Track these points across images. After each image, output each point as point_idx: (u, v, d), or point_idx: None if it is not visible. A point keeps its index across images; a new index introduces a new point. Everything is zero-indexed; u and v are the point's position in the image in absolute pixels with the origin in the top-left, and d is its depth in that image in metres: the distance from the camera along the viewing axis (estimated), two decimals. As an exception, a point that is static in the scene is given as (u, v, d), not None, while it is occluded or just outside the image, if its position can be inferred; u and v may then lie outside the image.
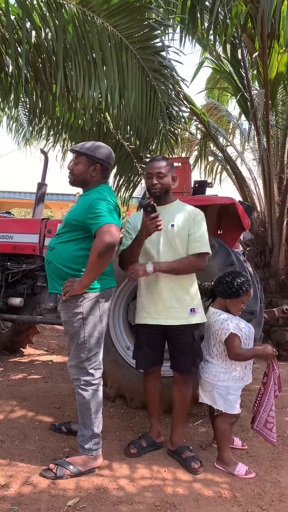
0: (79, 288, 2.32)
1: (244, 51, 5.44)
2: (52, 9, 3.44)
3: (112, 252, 2.27)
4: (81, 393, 2.47)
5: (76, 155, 2.55)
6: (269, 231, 5.66)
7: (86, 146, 2.54)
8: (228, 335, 2.50)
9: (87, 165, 2.51)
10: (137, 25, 3.57)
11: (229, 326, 2.51)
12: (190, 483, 2.44)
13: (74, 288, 2.32)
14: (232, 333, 2.50)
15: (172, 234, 2.58)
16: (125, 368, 3.28)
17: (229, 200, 3.33)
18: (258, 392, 2.73)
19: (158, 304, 2.61)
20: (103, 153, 2.54)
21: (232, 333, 2.50)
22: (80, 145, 2.56)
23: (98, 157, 2.52)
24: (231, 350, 2.52)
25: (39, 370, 4.38)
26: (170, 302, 2.59)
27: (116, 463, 2.60)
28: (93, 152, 2.51)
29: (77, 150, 2.54)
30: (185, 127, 6.30)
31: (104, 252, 2.23)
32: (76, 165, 2.53)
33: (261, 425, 2.66)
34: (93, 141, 2.71)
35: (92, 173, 2.52)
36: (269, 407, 2.64)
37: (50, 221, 4.17)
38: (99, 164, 2.52)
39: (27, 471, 2.44)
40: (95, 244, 2.25)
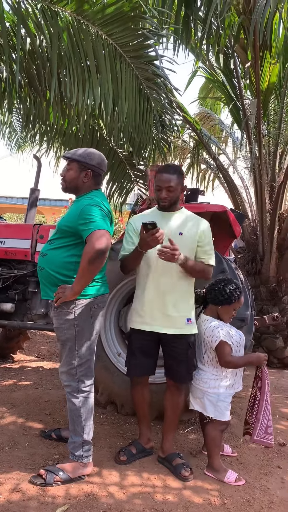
0: (70, 295, 2.32)
1: (236, 61, 5.51)
2: (47, 17, 3.47)
3: (103, 258, 2.27)
4: (72, 400, 2.46)
5: (68, 162, 2.56)
6: (261, 239, 5.70)
7: (78, 152, 2.56)
8: (218, 342, 2.52)
9: (78, 171, 2.53)
10: (131, 34, 3.61)
11: (220, 333, 2.52)
12: (180, 490, 2.44)
13: (66, 294, 2.32)
14: (222, 341, 2.52)
15: (180, 243, 2.52)
16: (115, 375, 3.28)
17: (220, 208, 3.36)
18: (254, 399, 2.68)
19: (156, 310, 2.60)
20: (95, 159, 2.55)
21: (222, 340, 2.52)
22: (72, 152, 2.58)
23: (89, 163, 2.53)
24: (222, 358, 2.53)
25: (30, 376, 4.35)
26: (170, 310, 2.58)
27: (106, 470, 2.60)
28: (85, 158, 2.53)
29: (69, 156, 2.56)
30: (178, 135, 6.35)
31: (95, 258, 2.23)
32: (68, 171, 2.55)
33: (262, 433, 2.61)
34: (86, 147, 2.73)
35: (83, 179, 2.53)
36: (268, 411, 2.63)
37: (42, 226, 4.17)
38: (90, 170, 2.53)
39: (16, 478, 2.42)
40: (86, 250, 2.25)
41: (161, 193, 2.59)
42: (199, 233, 2.60)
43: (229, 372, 2.62)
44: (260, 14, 3.54)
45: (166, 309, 2.58)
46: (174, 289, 2.59)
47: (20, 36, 3.39)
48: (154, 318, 2.60)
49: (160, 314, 2.59)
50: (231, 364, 2.56)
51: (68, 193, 2.64)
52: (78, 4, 3.42)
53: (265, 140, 5.68)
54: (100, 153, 2.63)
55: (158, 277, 2.58)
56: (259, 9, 3.55)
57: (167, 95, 4.21)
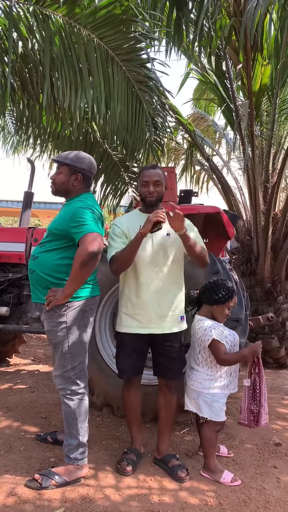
0: (62, 298, 2.32)
1: (228, 63, 5.54)
2: (39, 21, 3.47)
3: (95, 261, 2.28)
4: (66, 402, 2.46)
5: (58, 165, 2.56)
6: (255, 239, 5.72)
7: (67, 156, 2.56)
8: (210, 341, 2.53)
9: (68, 174, 2.53)
10: (122, 38, 3.62)
11: (212, 332, 2.54)
12: (176, 491, 2.44)
13: (57, 298, 2.32)
14: (214, 339, 2.53)
15: (169, 243, 2.60)
16: (111, 377, 3.28)
17: (214, 209, 3.37)
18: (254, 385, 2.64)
19: (152, 313, 2.59)
20: (85, 163, 2.56)
21: (215, 338, 2.53)
22: (62, 155, 2.59)
23: (79, 166, 2.53)
24: (217, 356, 2.55)
25: (25, 380, 4.35)
26: (166, 311, 2.60)
27: (102, 472, 2.59)
28: (74, 162, 2.53)
29: (58, 160, 2.56)
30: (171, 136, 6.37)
31: (87, 261, 2.24)
32: (58, 175, 2.55)
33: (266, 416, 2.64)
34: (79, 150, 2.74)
35: (73, 183, 2.54)
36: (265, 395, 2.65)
37: (36, 229, 4.17)
38: (80, 173, 2.54)
39: (12, 482, 2.42)
40: (78, 253, 2.25)
41: (149, 188, 2.59)
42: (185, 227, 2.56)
43: (224, 372, 2.63)
44: (250, 16, 3.56)
45: (162, 311, 2.60)
46: (167, 290, 2.61)
47: (11, 39, 3.39)
48: (151, 321, 2.60)
49: (156, 316, 2.59)
50: (227, 362, 2.57)
51: (58, 196, 2.64)
52: (69, 7, 3.42)
53: (258, 141, 5.70)
54: (89, 156, 2.63)
55: (150, 280, 2.59)
56: (250, 11, 3.57)
57: (159, 97, 4.22)
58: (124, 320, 2.68)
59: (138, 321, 2.62)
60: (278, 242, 5.70)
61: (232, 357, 2.57)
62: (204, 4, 3.90)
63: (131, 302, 2.64)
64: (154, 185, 2.60)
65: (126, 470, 2.56)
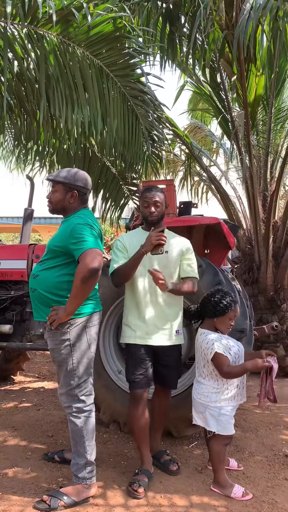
0: (64, 316, 2.32)
1: (223, 75, 5.58)
2: (34, 40, 3.51)
3: (96, 277, 2.28)
4: (73, 420, 2.44)
5: (53, 184, 2.57)
6: (256, 248, 5.71)
7: (61, 174, 2.57)
8: (213, 354, 2.51)
9: (64, 192, 2.54)
10: (116, 54, 3.65)
11: (214, 345, 2.52)
12: (186, 508, 2.40)
13: (59, 316, 2.32)
14: (216, 352, 2.51)
15: (167, 261, 2.74)
16: (117, 393, 3.25)
17: (214, 220, 3.37)
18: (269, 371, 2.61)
19: (151, 326, 2.70)
20: (79, 179, 2.57)
21: (217, 352, 2.51)
22: (56, 174, 2.60)
23: (74, 183, 2.55)
24: (220, 369, 2.53)
25: (31, 397, 4.31)
26: (164, 324, 2.72)
27: (111, 491, 2.56)
28: (69, 179, 2.54)
29: (52, 178, 2.57)
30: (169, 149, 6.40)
31: (88, 278, 2.24)
32: (54, 194, 2.56)
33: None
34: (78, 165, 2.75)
35: (70, 200, 2.55)
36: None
37: (37, 246, 4.18)
38: (76, 190, 2.55)
39: (20, 504, 2.38)
40: (79, 270, 2.25)
41: (150, 208, 2.73)
42: (184, 250, 2.79)
43: (230, 385, 2.59)
44: (243, 28, 3.60)
45: (159, 324, 2.71)
46: (164, 305, 2.73)
47: (7, 59, 3.43)
48: (148, 332, 2.70)
49: (154, 329, 2.70)
50: (230, 375, 2.54)
51: (55, 214, 2.65)
52: (63, 27, 3.46)
53: (255, 150, 5.73)
54: (84, 172, 2.65)
55: (149, 294, 2.71)
56: (242, 23, 3.61)
57: (155, 111, 4.24)
58: (124, 331, 2.80)
59: (135, 332, 2.72)
60: (279, 249, 5.70)
61: (236, 370, 2.54)
62: (197, 18, 3.94)
63: (132, 314, 2.76)
64: (155, 206, 2.73)
65: (138, 492, 2.50)
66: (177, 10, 4.70)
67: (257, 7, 3.51)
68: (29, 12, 3.31)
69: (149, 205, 2.73)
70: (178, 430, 3.23)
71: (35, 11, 3.29)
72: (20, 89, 4.05)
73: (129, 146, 4.25)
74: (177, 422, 3.17)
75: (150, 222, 2.75)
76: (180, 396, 3.11)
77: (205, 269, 3.20)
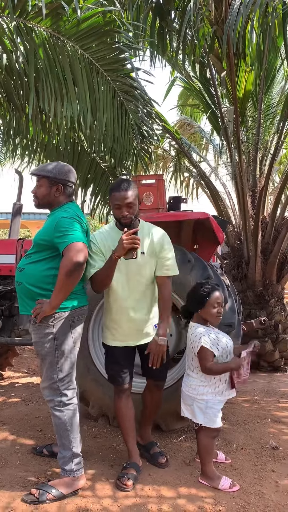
0: (49, 309, 2.32)
1: (212, 70, 5.59)
2: (23, 33, 3.49)
3: (80, 270, 2.28)
4: (56, 414, 2.44)
5: (38, 178, 2.56)
6: (245, 243, 5.75)
7: (46, 168, 2.55)
8: (199, 348, 2.53)
9: (49, 187, 2.53)
10: (106, 48, 3.65)
11: (201, 339, 2.53)
12: (174, 499, 2.42)
13: (44, 309, 2.32)
14: (202, 347, 2.52)
15: (144, 262, 2.61)
16: (106, 387, 3.25)
17: (203, 215, 3.38)
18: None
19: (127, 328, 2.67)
20: (64, 173, 2.55)
21: (203, 346, 2.52)
22: (40, 168, 2.58)
23: (59, 177, 2.53)
24: (202, 364, 2.55)
25: (19, 392, 4.31)
26: (140, 325, 2.68)
27: (99, 483, 2.57)
28: (53, 173, 2.53)
29: (36, 173, 2.56)
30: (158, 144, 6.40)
31: (72, 271, 2.24)
32: (39, 188, 2.55)
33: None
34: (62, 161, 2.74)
35: (55, 194, 2.54)
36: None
37: (26, 241, 4.16)
38: (61, 184, 2.54)
39: (8, 497, 2.39)
40: (63, 263, 2.25)
41: (122, 211, 2.53)
42: (158, 246, 2.64)
43: (218, 379, 2.61)
44: (232, 24, 3.61)
45: (136, 325, 2.67)
46: (140, 306, 2.66)
47: (-4, 53, 3.41)
48: (125, 334, 2.68)
49: (130, 330, 2.68)
50: (211, 371, 2.55)
51: (41, 209, 2.65)
52: (52, 20, 3.45)
53: (244, 146, 5.75)
54: (68, 165, 2.63)
55: (124, 296, 2.63)
56: (232, 19, 3.62)
57: (145, 106, 4.24)
58: (104, 332, 2.79)
59: (113, 335, 2.71)
60: (268, 245, 5.74)
61: (218, 368, 2.55)
62: (186, 13, 3.94)
63: (109, 317, 2.73)
64: (127, 208, 2.52)
65: (127, 485, 2.51)
66: (167, 5, 4.71)
67: (247, 2, 3.53)
68: (18, 5, 3.29)
69: (120, 207, 2.52)
70: (166, 423, 3.25)
71: (25, 4, 3.27)
72: (9, 82, 4.03)
73: (118, 141, 4.24)
74: (166, 415, 3.19)
75: (124, 224, 2.53)
76: (169, 389, 3.12)
77: (194, 264, 3.22)
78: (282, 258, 5.73)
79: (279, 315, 5.58)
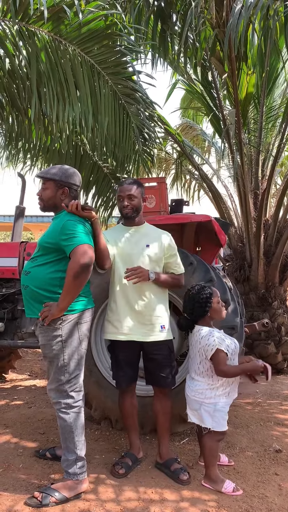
0: (57, 312, 2.33)
1: (214, 73, 5.60)
2: (25, 37, 3.51)
3: (87, 272, 2.29)
4: (62, 416, 2.44)
5: (44, 181, 2.57)
6: (247, 246, 5.74)
7: (52, 171, 2.57)
8: (214, 350, 2.52)
9: (55, 189, 2.55)
10: (108, 52, 3.66)
11: (215, 341, 2.52)
12: (177, 502, 2.42)
13: (52, 312, 2.33)
14: (218, 349, 2.51)
15: (148, 254, 2.70)
16: (109, 390, 3.26)
17: (205, 217, 3.39)
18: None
19: (131, 321, 2.68)
20: (70, 176, 2.58)
21: (219, 348, 2.52)
22: (46, 171, 2.60)
23: (65, 180, 2.55)
24: (217, 366, 2.53)
25: (22, 395, 4.31)
26: (144, 319, 2.68)
27: (102, 486, 2.57)
28: (60, 176, 2.55)
29: (42, 175, 2.57)
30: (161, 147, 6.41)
31: (80, 273, 2.25)
32: (44, 191, 2.56)
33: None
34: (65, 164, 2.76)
35: (61, 197, 2.55)
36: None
37: (29, 244, 4.16)
38: (67, 187, 2.56)
39: (11, 500, 2.39)
40: (71, 266, 2.27)
41: (123, 202, 2.70)
42: (165, 247, 2.74)
43: (225, 381, 2.60)
44: (234, 27, 3.61)
45: (140, 319, 2.67)
46: (145, 298, 2.68)
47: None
48: (129, 327, 2.67)
49: (134, 323, 2.67)
50: (227, 374, 2.55)
51: (47, 212, 2.66)
52: (54, 24, 3.46)
53: (246, 149, 5.76)
54: (73, 168, 2.66)
55: (128, 289, 2.67)
56: (233, 22, 3.62)
57: (147, 109, 4.25)
58: (105, 327, 2.80)
59: (116, 328, 2.70)
60: (271, 247, 5.73)
61: (233, 370, 2.55)
62: (188, 16, 3.95)
63: (111, 309, 2.75)
64: (128, 199, 2.69)
65: (118, 473, 2.65)
66: (169, 8, 4.72)
67: (248, 5, 3.53)
68: (20, 9, 3.31)
69: (123, 199, 2.71)
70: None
71: (27, 8, 3.29)
72: (11, 86, 4.05)
73: (120, 144, 4.25)
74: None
75: (125, 216, 2.74)
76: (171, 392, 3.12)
77: (196, 266, 3.22)
78: (284, 260, 5.72)
79: (282, 317, 5.57)
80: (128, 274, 2.56)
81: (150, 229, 2.84)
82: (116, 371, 2.81)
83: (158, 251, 2.72)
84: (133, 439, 2.87)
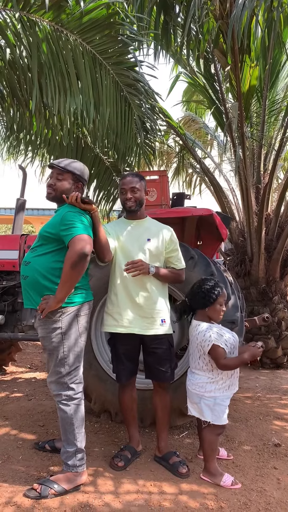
0: (54, 303, 2.32)
1: (217, 65, 5.55)
2: (26, 27, 3.47)
3: (85, 262, 2.28)
4: (62, 408, 2.45)
5: (60, 171, 2.57)
6: (248, 240, 5.72)
7: (72, 164, 2.60)
8: (210, 346, 2.51)
9: (72, 183, 2.58)
10: (110, 41, 3.62)
11: (211, 337, 2.52)
12: (176, 495, 2.42)
13: (50, 304, 2.32)
14: (214, 344, 2.51)
15: (149, 248, 2.69)
16: (108, 383, 3.26)
17: (206, 211, 3.37)
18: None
19: (131, 314, 2.67)
20: (86, 173, 2.65)
21: (214, 344, 2.51)
22: (67, 162, 2.60)
23: (82, 176, 2.61)
24: (217, 361, 2.53)
25: (22, 388, 4.31)
26: (144, 312, 2.67)
27: (101, 479, 2.57)
28: (79, 171, 2.60)
29: (63, 166, 2.57)
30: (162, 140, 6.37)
31: (77, 262, 2.25)
32: (61, 181, 2.56)
33: None
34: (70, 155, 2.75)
35: (74, 191, 2.57)
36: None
37: (29, 236, 4.15)
38: (81, 183, 2.61)
39: (11, 491, 2.39)
40: (68, 255, 2.27)
41: (126, 195, 2.70)
42: (166, 241, 2.74)
43: (225, 374, 2.60)
44: (237, 19, 3.57)
45: (140, 311, 2.66)
46: (146, 292, 2.67)
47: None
48: (128, 320, 2.67)
49: (134, 316, 2.66)
50: (229, 367, 2.55)
51: (51, 201, 2.64)
52: (55, 13, 3.42)
53: (248, 142, 5.71)
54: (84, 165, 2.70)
55: (129, 282, 2.66)
56: (236, 14, 3.58)
57: (149, 100, 4.22)
58: (105, 319, 2.78)
59: (116, 320, 2.69)
60: (272, 242, 5.71)
61: (233, 362, 2.55)
62: (191, 8, 3.91)
63: (111, 301, 2.74)
64: (131, 192, 2.69)
65: (117, 466, 2.67)
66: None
67: (252, -4, 3.49)
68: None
69: (125, 191, 2.70)
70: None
71: (28, -4, 3.24)
72: (12, 77, 4.01)
73: (121, 136, 4.22)
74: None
75: (127, 209, 2.74)
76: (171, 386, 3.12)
77: (197, 260, 3.21)
78: (285, 255, 5.70)
79: (282, 312, 5.56)
80: (128, 267, 2.55)
81: (151, 223, 2.82)
82: (116, 364, 2.81)
83: (159, 245, 2.71)
84: (132, 432, 2.89)
